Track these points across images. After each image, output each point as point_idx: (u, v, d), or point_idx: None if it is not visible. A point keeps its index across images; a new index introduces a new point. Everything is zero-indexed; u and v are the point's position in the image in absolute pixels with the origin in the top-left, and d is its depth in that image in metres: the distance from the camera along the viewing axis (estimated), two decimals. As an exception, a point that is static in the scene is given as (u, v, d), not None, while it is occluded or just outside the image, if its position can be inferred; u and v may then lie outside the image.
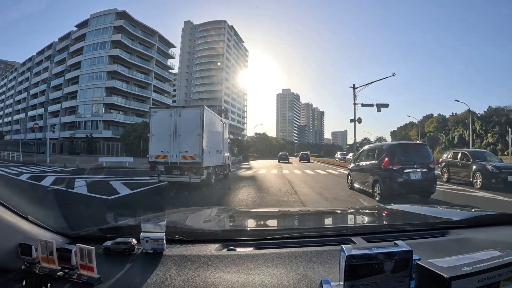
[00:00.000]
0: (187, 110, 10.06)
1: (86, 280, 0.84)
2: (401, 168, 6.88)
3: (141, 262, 0.97)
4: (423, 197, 7.22)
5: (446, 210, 2.04)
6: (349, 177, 9.60)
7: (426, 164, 7.07)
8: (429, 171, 7.05)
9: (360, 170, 8.62)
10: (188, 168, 9.41)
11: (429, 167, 7.08)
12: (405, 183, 6.78)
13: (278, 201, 7.63)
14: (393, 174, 6.89)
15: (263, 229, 1.46)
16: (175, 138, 9.51)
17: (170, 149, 9.51)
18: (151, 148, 9.80)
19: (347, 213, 2.07)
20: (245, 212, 2.41)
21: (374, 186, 7.29)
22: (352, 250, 0.69)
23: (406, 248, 0.72)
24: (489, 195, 8.44)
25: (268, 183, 11.97)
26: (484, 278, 0.68)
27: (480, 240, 1.18)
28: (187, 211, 1.95)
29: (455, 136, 57.46)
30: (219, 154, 11.66)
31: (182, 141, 9.44)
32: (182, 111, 9.81)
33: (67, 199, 7.55)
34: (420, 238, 1.23)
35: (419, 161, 7.07)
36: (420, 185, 6.97)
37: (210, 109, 11.06)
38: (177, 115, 9.62)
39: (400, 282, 0.70)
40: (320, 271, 0.91)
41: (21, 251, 0.91)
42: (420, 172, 6.92)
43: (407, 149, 7.77)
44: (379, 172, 7.20)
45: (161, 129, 9.69)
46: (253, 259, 0.99)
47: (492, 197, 8.21)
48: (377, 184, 7.17)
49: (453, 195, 8.61)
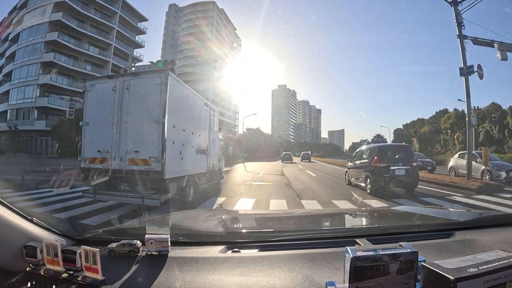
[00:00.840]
0: (140, 79, 5.82)
1: (91, 282, 0.85)
2: (388, 166, 8.12)
3: (146, 264, 0.97)
4: (408, 190, 8.25)
5: (451, 211, 2.04)
6: (346, 174, 10.91)
7: (410, 163, 8.27)
8: (412, 168, 8.21)
9: (355, 168, 9.84)
10: (140, 180, 5.50)
11: (412, 165, 8.27)
12: (391, 178, 7.98)
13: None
14: (380, 171, 8.13)
15: (268, 231, 1.46)
16: (119, 128, 5.67)
17: (111, 148, 5.70)
18: (83, 146, 5.99)
19: (352, 214, 2.07)
20: (249, 214, 2.41)
21: (366, 180, 8.54)
22: (357, 251, 0.69)
23: (411, 250, 0.71)
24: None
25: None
26: (490, 279, 0.67)
27: (485, 241, 1.17)
28: (191, 213, 1.95)
29: (480, 132, 47.79)
30: (200, 157, 7.55)
31: (131, 134, 5.61)
32: (132, 81, 5.77)
33: None
34: (425, 240, 1.22)
35: (403, 160, 8.28)
36: (404, 180, 8.10)
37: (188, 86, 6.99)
38: (124, 88, 5.73)
39: (405, 283, 0.69)
40: (325, 273, 0.90)
41: (26, 252, 0.91)
42: (403, 169, 8.08)
43: (393, 150, 9.13)
44: (369, 169, 8.48)
45: (99, 113, 5.93)
46: (257, 261, 0.99)
47: None
48: (368, 179, 8.43)
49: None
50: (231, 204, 6.99)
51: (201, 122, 7.76)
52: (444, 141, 54.62)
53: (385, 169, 8.07)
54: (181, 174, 6.29)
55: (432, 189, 9.79)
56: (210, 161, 8.45)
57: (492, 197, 8.00)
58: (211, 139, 8.63)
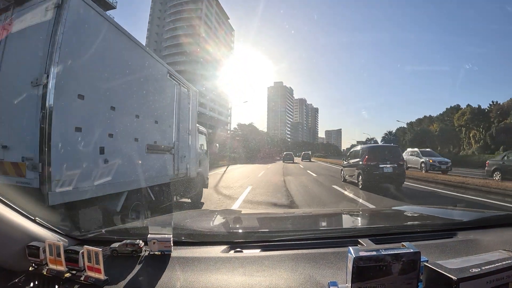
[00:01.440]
0: (25, 11, 2.96)
1: (93, 282, 0.85)
2: (377, 164, 8.99)
3: (148, 264, 0.97)
4: (396, 186, 9.00)
5: (454, 211, 2.03)
6: (342, 172, 11.86)
7: (397, 162, 9.18)
8: (398, 166, 9.13)
9: (349, 166, 10.75)
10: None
11: (399, 164, 9.22)
12: (379, 175, 8.88)
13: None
14: (371, 168, 9.02)
15: (270, 231, 1.46)
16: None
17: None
18: None
19: (354, 214, 2.07)
20: (251, 214, 2.41)
21: (358, 177, 9.47)
22: (359, 251, 0.69)
23: (413, 250, 0.71)
24: None
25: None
26: (492, 279, 0.67)
27: (488, 242, 1.17)
28: (193, 213, 1.95)
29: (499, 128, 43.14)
30: (159, 158, 4.76)
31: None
32: (15, 15, 3.00)
33: None
34: (427, 240, 1.22)
35: (390, 159, 9.16)
36: (391, 176, 8.97)
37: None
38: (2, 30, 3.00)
39: (408, 283, 0.69)
40: (327, 273, 0.91)
41: (29, 252, 0.91)
42: (391, 167, 8.99)
43: (382, 150, 10.03)
44: (361, 167, 9.37)
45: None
46: (260, 261, 0.99)
47: None
48: (359, 176, 9.34)
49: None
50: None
51: (160, 100, 4.87)
52: (457, 139, 50.25)
53: (375, 167, 8.98)
54: (107, 190, 3.36)
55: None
56: (180, 164, 5.53)
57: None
58: (184, 130, 5.76)
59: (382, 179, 8.86)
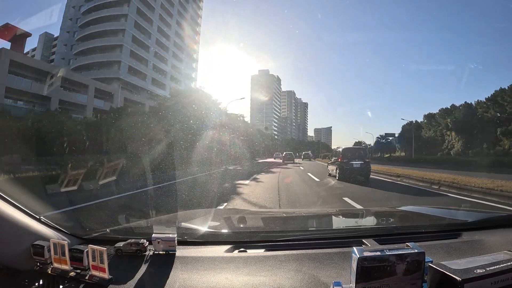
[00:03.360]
0: None
1: (97, 281, 0.85)
2: (348, 161, 11.72)
3: (152, 264, 0.98)
4: (365, 177, 11.48)
5: (458, 212, 2.02)
6: (327, 168, 14.80)
7: (363, 159, 11.86)
8: (365, 163, 11.74)
9: (331, 163, 13.81)
10: None
11: (365, 161, 11.85)
12: (350, 169, 11.51)
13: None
14: (344, 164, 11.74)
15: (274, 231, 1.46)
16: None
17: None
18: None
19: (358, 214, 2.06)
20: (256, 213, 2.41)
21: (336, 171, 12.32)
22: (363, 252, 0.69)
23: (418, 250, 0.71)
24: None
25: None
26: (497, 280, 0.67)
27: (493, 242, 1.16)
28: (198, 213, 1.95)
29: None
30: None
31: None
32: None
33: None
34: (432, 240, 1.22)
35: (359, 157, 11.91)
36: (360, 171, 11.57)
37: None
38: None
39: (412, 284, 0.69)
40: (331, 273, 0.90)
41: (34, 251, 0.92)
42: (359, 163, 11.65)
43: (353, 151, 12.78)
44: (337, 163, 12.22)
45: None
46: (264, 261, 0.99)
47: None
48: (337, 170, 12.16)
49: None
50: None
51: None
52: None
53: (347, 164, 11.66)
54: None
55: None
56: None
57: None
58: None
59: (352, 172, 11.47)
